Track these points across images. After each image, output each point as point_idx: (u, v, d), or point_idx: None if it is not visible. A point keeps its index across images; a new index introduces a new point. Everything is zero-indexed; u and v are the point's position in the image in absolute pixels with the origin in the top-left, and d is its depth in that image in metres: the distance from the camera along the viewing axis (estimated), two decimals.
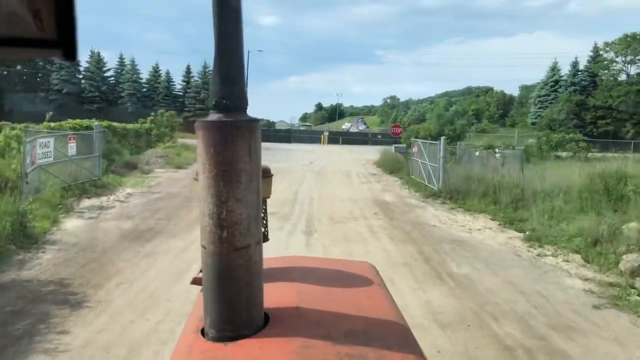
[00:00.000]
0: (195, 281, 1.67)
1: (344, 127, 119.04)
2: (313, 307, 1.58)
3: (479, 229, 12.72)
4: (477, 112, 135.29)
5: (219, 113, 1.32)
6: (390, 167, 24.84)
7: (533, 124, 54.01)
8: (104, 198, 15.43)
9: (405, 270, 8.81)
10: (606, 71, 52.31)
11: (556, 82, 55.74)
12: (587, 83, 52.33)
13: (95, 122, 19.07)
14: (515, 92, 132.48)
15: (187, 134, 62.87)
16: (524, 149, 21.90)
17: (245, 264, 1.34)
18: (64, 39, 0.60)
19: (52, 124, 19.36)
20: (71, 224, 11.69)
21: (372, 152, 40.39)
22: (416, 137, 26.32)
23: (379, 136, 72.48)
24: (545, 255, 10.17)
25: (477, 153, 20.87)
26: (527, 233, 11.98)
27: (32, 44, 0.62)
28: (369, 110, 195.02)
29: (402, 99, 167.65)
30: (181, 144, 35.19)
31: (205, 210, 1.32)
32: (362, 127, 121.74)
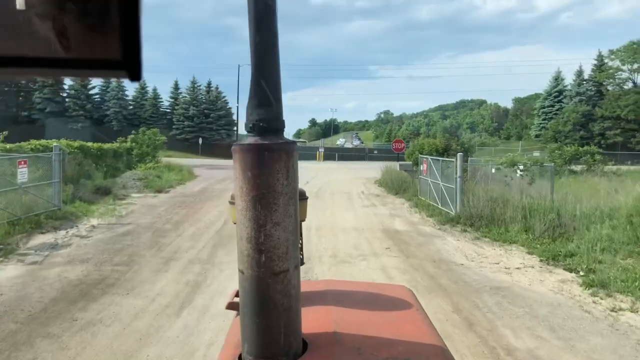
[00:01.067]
0: (231, 306, 1.63)
1: (338, 142, 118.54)
2: (351, 332, 1.56)
3: (518, 268, 10.22)
4: (472, 125, 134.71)
5: (256, 136, 1.31)
6: (394, 186, 22.37)
7: (537, 136, 51.86)
8: (61, 233, 12.90)
9: None
10: (612, 80, 50.31)
11: (560, 92, 53.59)
12: (592, 93, 50.26)
13: (54, 143, 16.45)
14: (509, 104, 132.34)
15: (177, 153, 60.57)
16: (555, 165, 19.53)
17: (284, 289, 1.31)
18: (129, 59, 0.60)
19: (8, 145, 16.81)
20: (3, 274, 9.13)
21: (372, 169, 37.97)
22: (421, 153, 23.95)
23: (375, 151, 70.56)
24: (622, 310, 7.67)
25: (493, 170, 18.47)
26: (582, 274, 9.49)
27: (96, 65, 0.63)
28: (362, 125, 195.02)
29: (396, 113, 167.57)
30: (166, 163, 32.69)
31: (243, 234, 1.30)
32: (356, 143, 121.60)
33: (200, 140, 58.88)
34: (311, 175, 30.67)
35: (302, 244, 1.85)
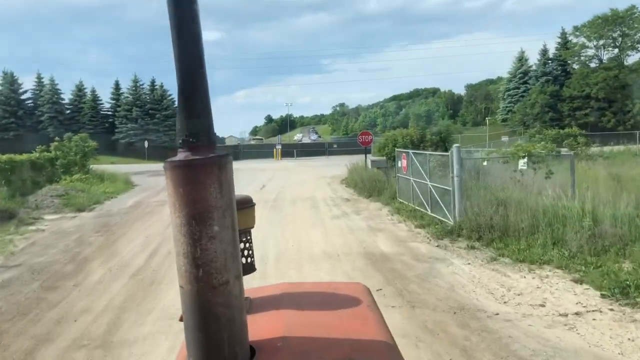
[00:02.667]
0: (182, 318, 1.45)
1: (296, 137, 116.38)
2: (300, 336, 1.56)
3: (579, 314, 6.83)
4: (428, 113, 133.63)
5: (186, 151, 1.28)
6: (366, 187, 18.85)
7: (504, 120, 49.36)
8: None
9: None
10: (577, 58, 48.21)
11: (525, 73, 51.17)
12: (558, 72, 48.05)
13: None
14: (461, 91, 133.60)
15: (121, 159, 55.68)
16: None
17: (225, 301, 1.30)
18: None
19: None
20: None
21: (335, 166, 34.46)
22: (394, 145, 20.55)
23: (335, 145, 67.24)
24: None
25: (484, 163, 15.18)
26: None
27: None
28: (319, 120, 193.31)
29: (351, 105, 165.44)
30: (101, 171, 28.29)
31: (180, 250, 1.28)
32: (314, 137, 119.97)
33: (145, 144, 54.13)
34: (267, 177, 26.88)
35: (252, 251, 1.88)
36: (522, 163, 13.40)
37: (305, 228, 13.23)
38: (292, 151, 59.50)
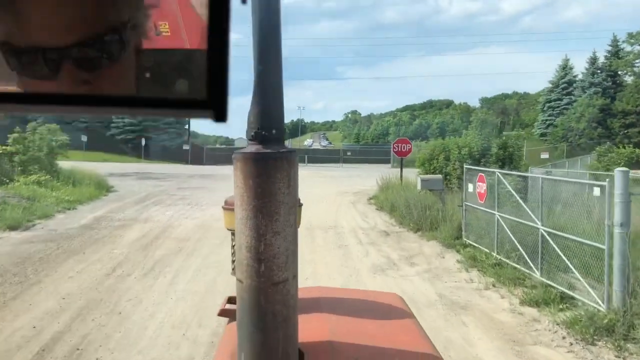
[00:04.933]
0: (224, 313, 1.59)
1: (306, 143, 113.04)
2: (347, 342, 1.55)
3: None
4: (442, 125, 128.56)
5: (258, 144, 1.29)
6: (411, 215, 13.43)
7: (542, 135, 43.84)
8: None
9: None
10: (630, 69, 42.60)
11: (569, 83, 45.61)
12: (609, 83, 42.48)
13: None
14: (475, 104, 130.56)
15: (116, 157, 50.64)
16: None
17: (283, 299, 1.29)
18: (215, 100, 0.61)
19: None
20: None
21: (355, 178, 29.12)
22: (447, 159, 15.32)
23: (349, 153, 61.98)
24: None
25: (596, 192, 9.78)
26: None
27: (181, 104, 0.64)
28: (330, 126, 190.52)
29: (363, 113, 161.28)
30: (72, 171, 23.02)
31: (243, 243, 1.28)
32: (324, 143, 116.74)
33: (143, 142, 49.02)
34: None
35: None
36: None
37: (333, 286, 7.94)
38: (302, 157, 54.23)
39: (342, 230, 12.83)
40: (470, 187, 11.12)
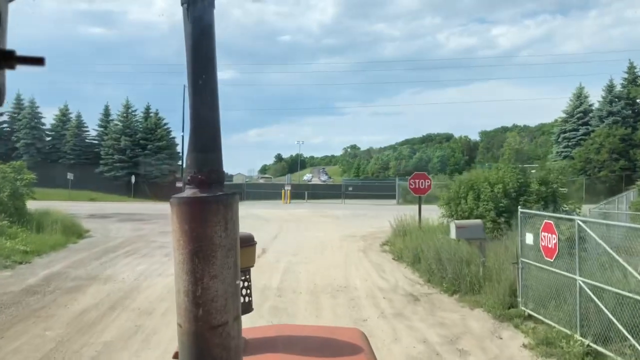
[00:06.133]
0: (177, 355, 1.47)
1: (305, 177, 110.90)
2: None
3: None
4: (442, 159, 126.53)
5: (194, 188, 1.28)
6: (440, 269, 10.56)
7: None
8: None
9: None
10: None
11: (585, 112, 43.12)
12: (628, 112, 39.92)
13: None
14: (475, 137, 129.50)
15: (104, 195, 47.78)
16: None
17: (223, 342, 1.27)
18: None
19: None
20: None
21: (362, 218, 26.25)
22: (478, 198, 12.61)
23: (350, 188, 59.23)
24: None
25: None
26: None
27: None
28: (329, 160, 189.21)
29: (363, 147, 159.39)
30: (45, 211, 20.17)
31: (181, 287, 1.26)
32: (324, 178, 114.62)
33: (132, 179, 46.29)
34: (271, 233, 18.66)
35: (250, 291, 1.90)
36: None
37: None
38: (302, 193, 51.54)
39: (356, 294, 9.90)
40: (529, 237, 8.31)
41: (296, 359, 1.72)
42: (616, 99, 41.58)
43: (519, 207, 9.29)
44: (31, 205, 22.97)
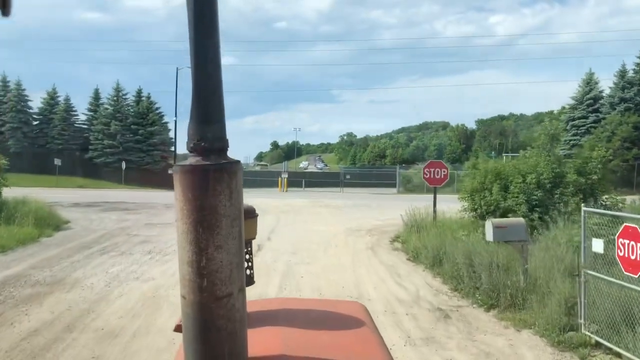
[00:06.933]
0: (178, 328, 1.43)
1: (301, 165, 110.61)
2: (299, 355, 1.50)
3: None
4: (439, 147, 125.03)
5: (198, 156, 1.25)
6: (471, 276, 8.81)
7: (567, 156, 39.33)
8: None
9: None
10: None
11: (595, 99, 41.28)
12: None
13: None
14: (471, 125, 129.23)
15: (94, 182, 45.82)
16: None
17: (227, 313, 1.25)
18: None
19: None
20: None
21: (364, 208, 24.50)
22: (506, 189, 10.89)
23: (348, 176, 57.47)
24: None
25: None
26: None
27: None
28: (325, 148, 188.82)
29: (359, 135, 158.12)
30: (21, 200, 18.39)
31: (184, 258, 1.24)
32: (320, 166, 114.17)
33: (123, 165, 44.33)
34: (268, 227, 16.90)
35: (252, 263, 1.81)
36: None
37: None
38: (299, 181, 49.75)
39: (371, 308, 8.11)
40: (597, 244, 6.54)
41: (298, 332, 1.67)
42: (629, 85, 39.71)
43: (583, 205, 7.46)
44: (8, 193, 21.18)
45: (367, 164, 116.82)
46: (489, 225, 8.25)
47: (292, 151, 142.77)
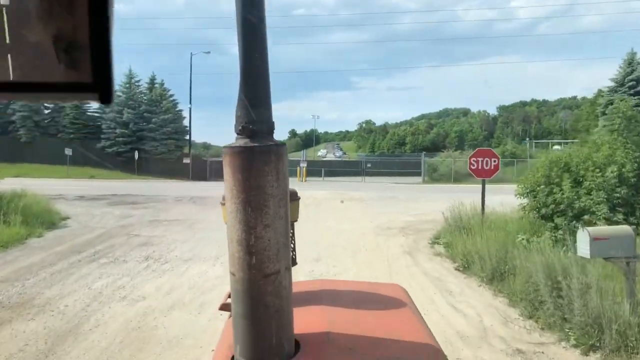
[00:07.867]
0: (224, 307, 1.52)
1: (319, 153, 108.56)
2: (344, 332, 1.52)
3: None
4: (461, 134, 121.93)
5: (246, 138, 1.29)
6: (556, 302, 6.70)
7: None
8: None
9: None
10: None
11: (638, 80, 38.33)
12: None
13: None
14: (493, 112, 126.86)
15: (106, 172, 44.21)
16: None
17: (275, 290, 1.28)
18: (100, 82, 0.58)
19: None
20: None
21: (391, 201, 22.32)
22: (579, 182, 8.65)
23: (369, 165, 55.42)
24: None
25: None
26: None
27: (66, 88, 0.61)
28: (343, 136, 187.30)
29: (378, 123, 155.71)
30: (20, 193, 16.66)
31: (234, 236, 1.27)
32: (338, 154, 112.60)
33: (136, 154, 42.66)
34: None
35: (294, 245, 1.82)
36: None
37: None
38: (318, 170, 47.78)
39: None
40: None
41: (341, 311, 1.70)
42: None
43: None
44: (7, 185, 19.61)
45: (386, 152, 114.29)
46: (583, 236, 6.08)
47: (310, 139, 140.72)
